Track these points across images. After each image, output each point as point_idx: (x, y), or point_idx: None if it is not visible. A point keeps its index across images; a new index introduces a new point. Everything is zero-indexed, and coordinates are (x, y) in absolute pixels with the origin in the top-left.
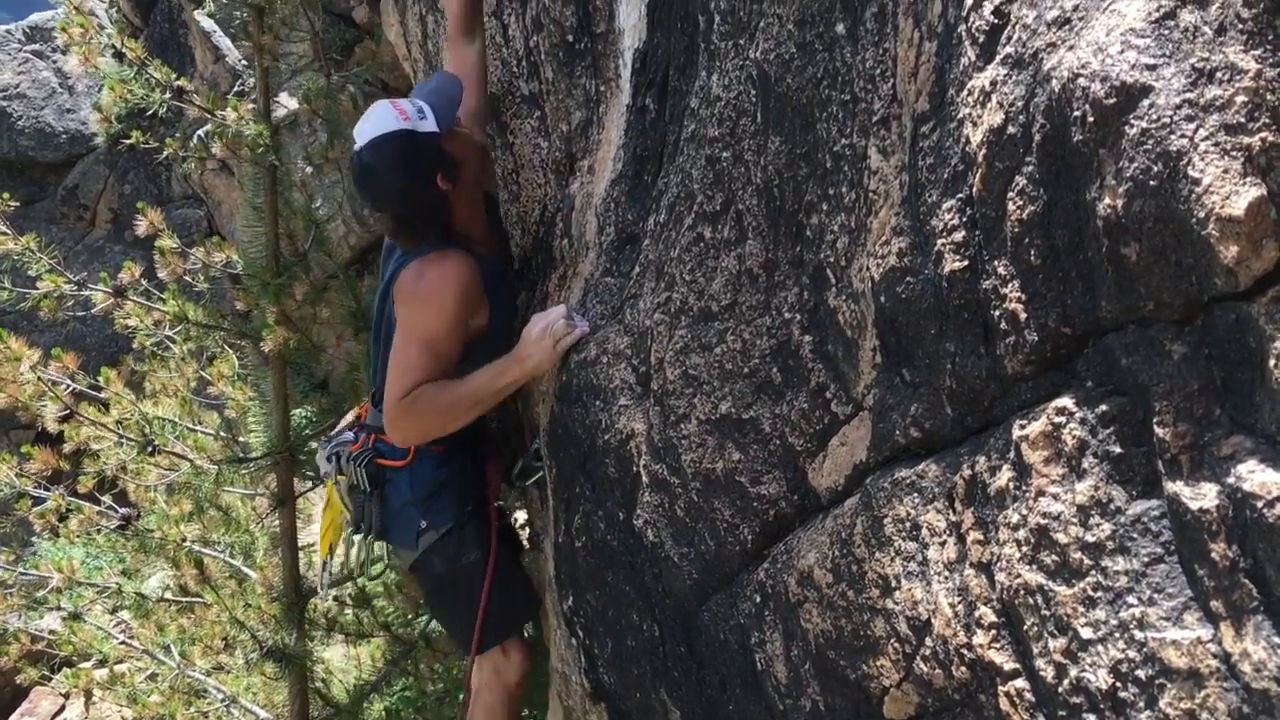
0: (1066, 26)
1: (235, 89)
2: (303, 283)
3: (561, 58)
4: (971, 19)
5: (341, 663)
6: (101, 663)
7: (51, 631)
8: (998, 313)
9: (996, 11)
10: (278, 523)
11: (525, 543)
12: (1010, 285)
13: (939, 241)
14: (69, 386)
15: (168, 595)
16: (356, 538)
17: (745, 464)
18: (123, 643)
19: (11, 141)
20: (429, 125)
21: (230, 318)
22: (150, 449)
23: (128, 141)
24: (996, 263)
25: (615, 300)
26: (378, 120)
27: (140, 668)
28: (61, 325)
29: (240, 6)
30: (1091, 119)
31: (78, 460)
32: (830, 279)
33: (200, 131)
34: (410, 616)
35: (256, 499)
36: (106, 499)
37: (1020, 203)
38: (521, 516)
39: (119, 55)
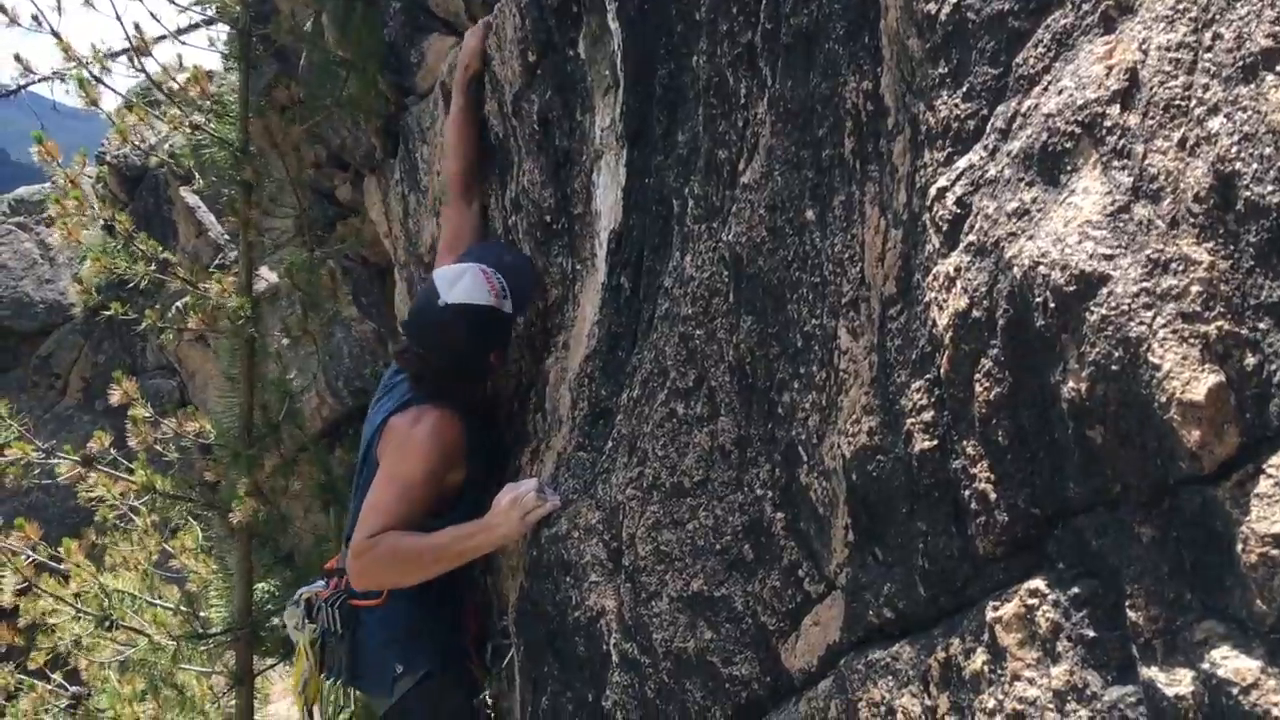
0: (1025, 217)
1: (216, 262)
2: (274, 454)
3: (539, 237)
4: (935, 208)
5: None
6: None
7: None
8: (968, 493)
9: (959, 202)
10: (234, 703)
11: None
12: (979, 465)
13: (908, 421)
14: (29, 558)
15: None
16: (328, 684)
17: (717, 643)
18: None
19: None
20: (508, 308)
21: (198, 489)
22: (108, 624)
23: (107, 313)
24: (965, 443)
25: (588, 475)
26: (470, 287)
27: None
28: (24, 494)
29: (229, 183)
30: (1053, 305)
31: (32, 635)
32: (802, 456)
33: (179, 303)
34: None
35: (213, 678)
36: (57, 677)
37: (987, 384)
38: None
39: (109, 228)
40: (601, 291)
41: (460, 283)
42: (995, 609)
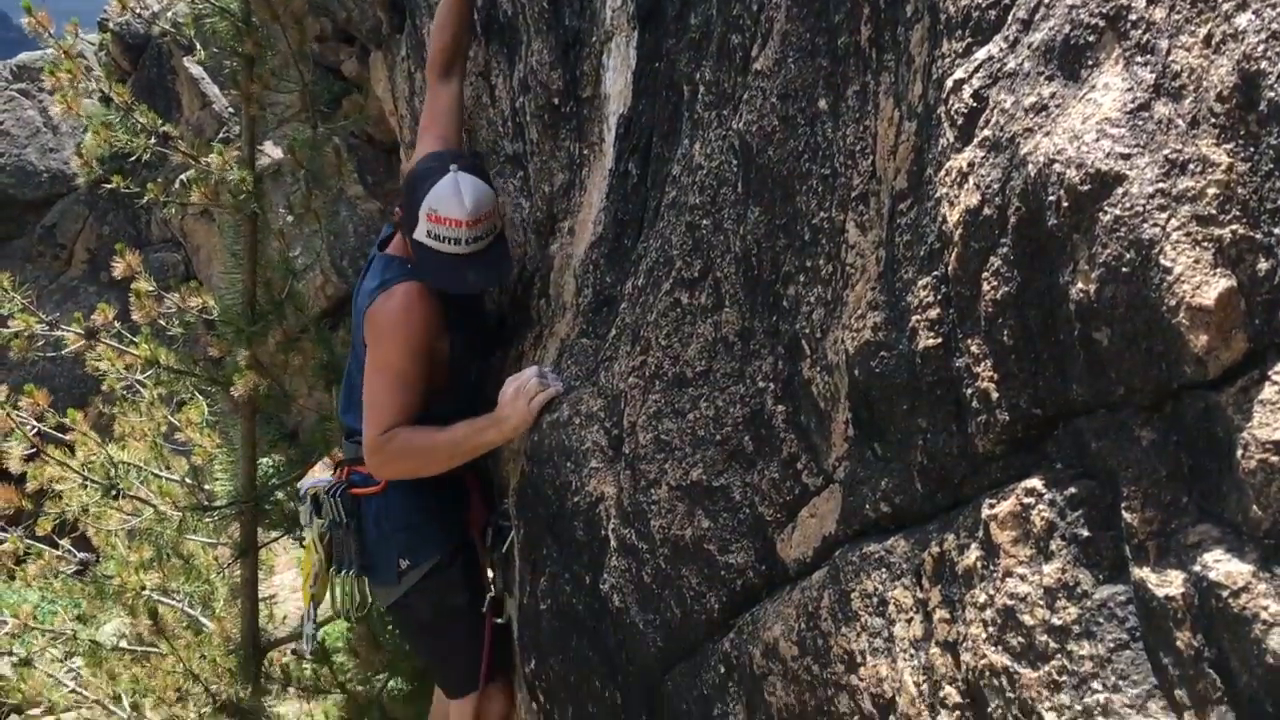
0: (1043, 113)
1: (220, 135)
2: (277, 331)
3: (547, 120)
4: (951, 101)
5: (299, 709)
6: (50, 711)
7: (1, 677)
8: (970, 391)
9: (976, 95)
10: (239, 573)
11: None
12: (983, 364)
13: (914, 318)
14: (34, 428)
15: (123, 644)
16: (339, 577)
17: (714, 532)
18: (73, 691)
19: None
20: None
21: (202, 364)
22: (114, 493)
23: (109, 185)
24: (970, 341)
25: (590, 362)
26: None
27: (90, 718)
28: (30, 366)
29: (231, 56)
30: (1066, 204)
31: (39, 501)
32: (805, 350)
33: (182, 176)
34: (369, 674)
35: (218, 548)
36: (65, 543)
37: (995, 283)
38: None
39: (106, 100)
40: (609, 178)
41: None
42: (991, 507)
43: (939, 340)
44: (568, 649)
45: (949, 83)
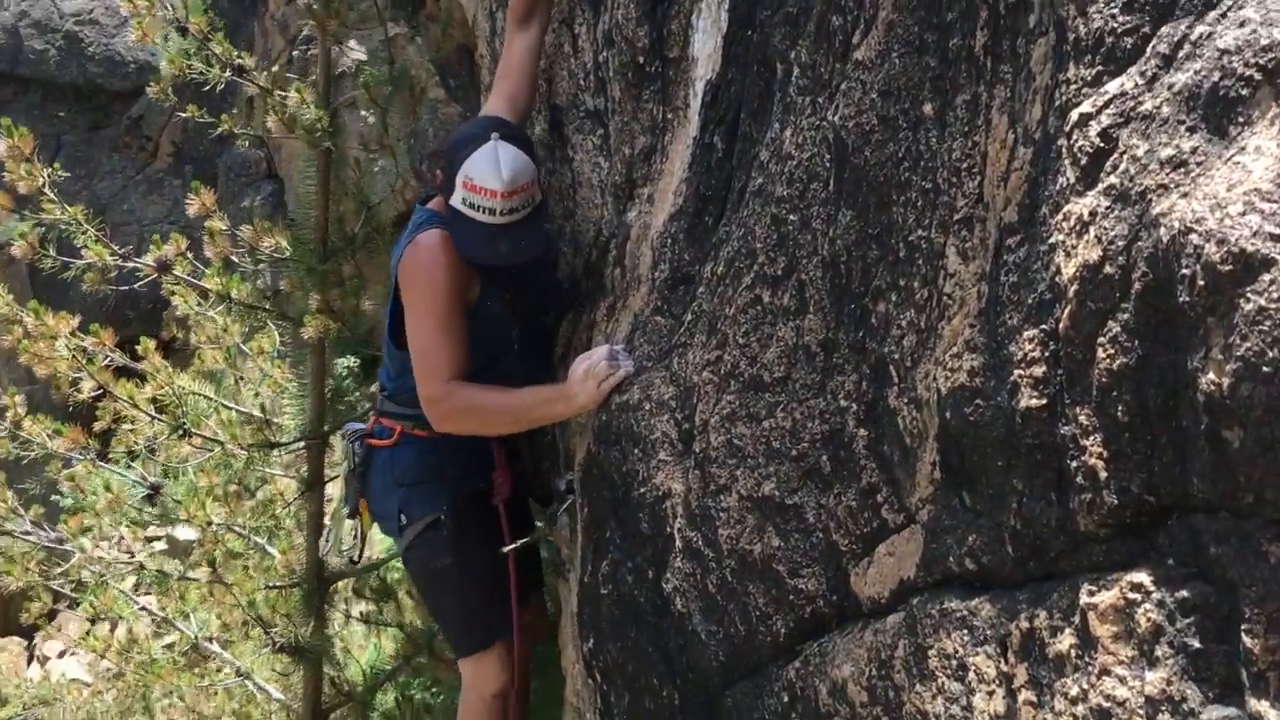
0: (1182, 169)
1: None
2: (349, 264)
3: (630, 78)
4: (1075, 136)
5: (361, 641)
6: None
7: (78, 585)
8: (1075, 464)
9: (1104, 134)
10: (305, 508)
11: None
12: (1092, 438)
13: (1016, 372)
14: (107, 359)
15: (190, 574)
16: (341, 512)
17: (784, 552)
18: (142, 608)
19: (81, 67)
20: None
21: (274, 298)
22: (182, 432)
23: (183, 115)
24: (1079, 410)
25: (664, 343)
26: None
27: (157, 633)
28: (104, 299)
29: None
30: (1202, 283)
31: (107, 440)
32: (893, 376)
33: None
34: (425, 615)
35: (286, 481)
36: (137, 466)
37: (1111, 351)
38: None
39: (182, 30)
40: (692, 147)
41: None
42: (1091, 594)
43: (1043, 402)
44: (626, 638)
45: (1074, 114)
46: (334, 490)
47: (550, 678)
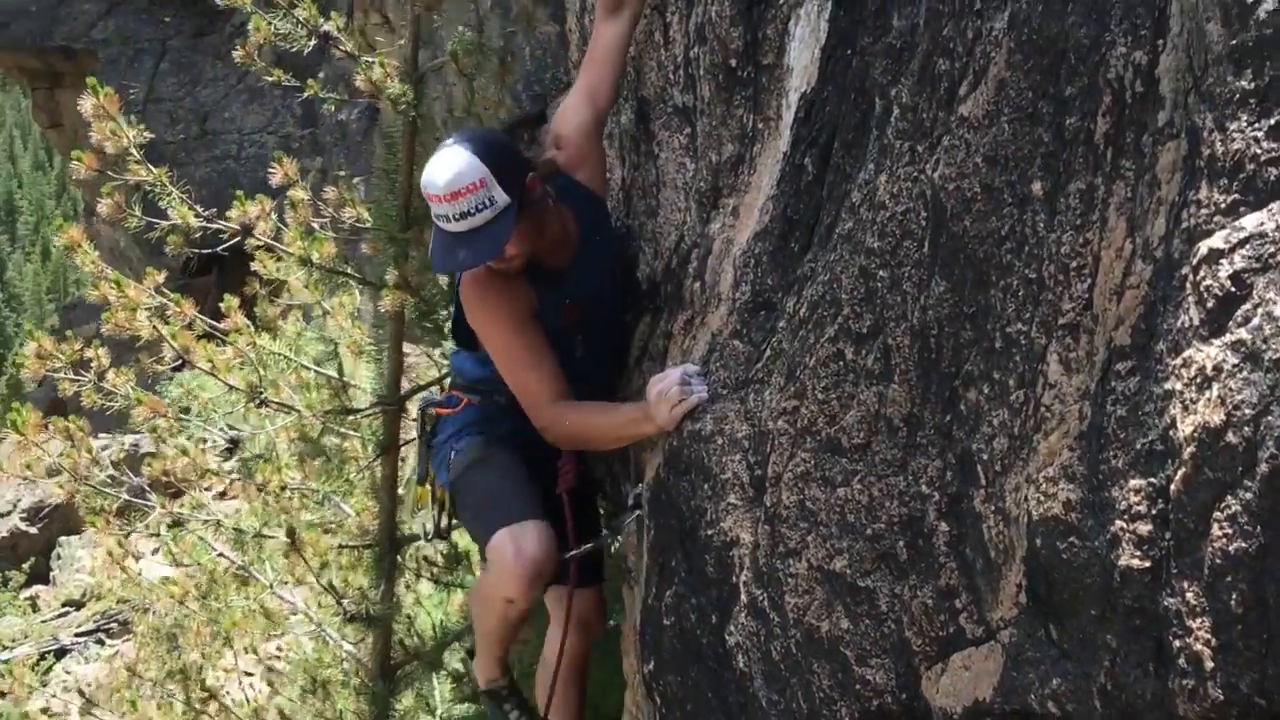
0: None
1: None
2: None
3: (721, 80)
4: (1202, 272)
5: (431, 596)
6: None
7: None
8: (1178, 644)
9: (1236, 279)
10: (380, 472)
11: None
12: (1199, 621)
13: (1118, 523)
14: (186, 319)
15: (264, 531)
16: (416, 487)
17: (853, 637)
18: (219, 554)
19: None
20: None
21: (354, 263)
22: (259, 401)
23: (269, 79)
24: (1187, 585)
25: (741, 372)
26: (433, 172)
27: (236, 575)
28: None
29: None
30: None
31: (186, 410)
32: (980, 477)
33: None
34: None
35: (362, 445)
36: (218, 420)
37: (1229, 530)
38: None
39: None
40: (782, 163)
41: (436, 168)
42: None
43: (1147, 565)
44: (687, 675)
45: (1203, 246)
46: (410, 454)
47: (607, 667)
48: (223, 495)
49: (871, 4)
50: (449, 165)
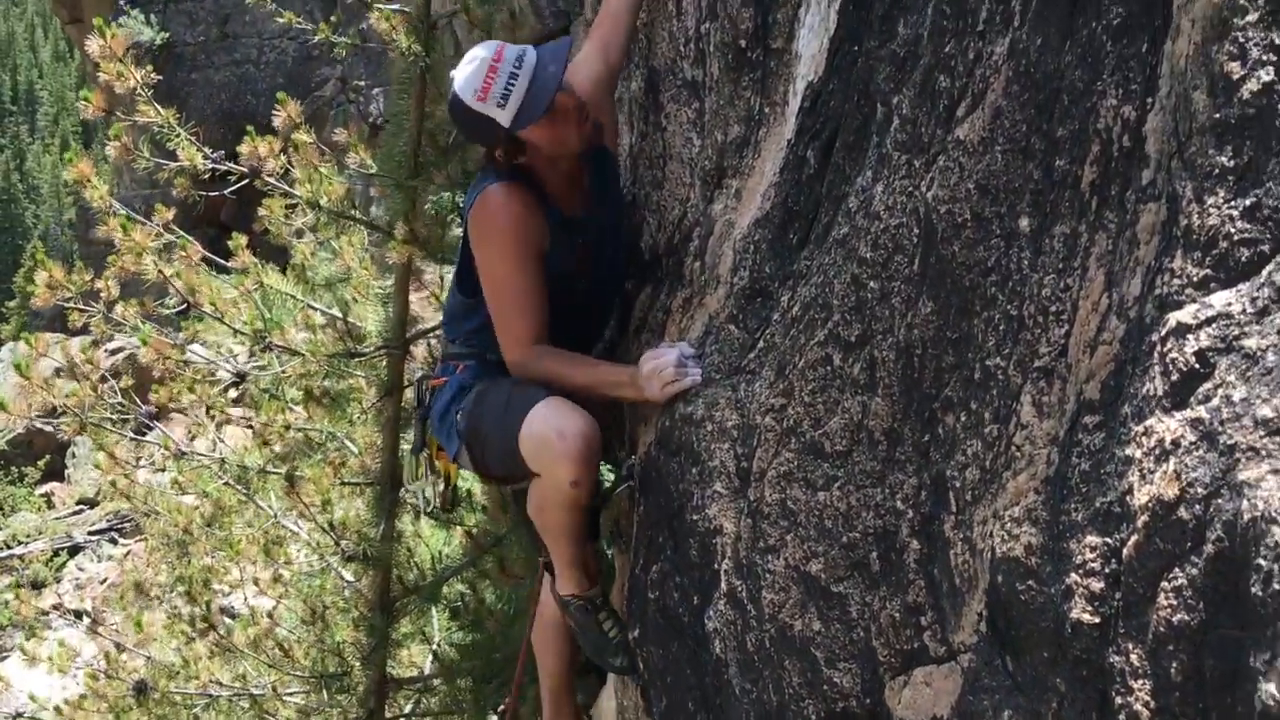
0: (1277, 438)
1: None
2: (439, 174)
3: (730, 60)
4: (1169, 344)
5: (430, 532)
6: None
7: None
8: (1120, 700)
9: (1200, 356)
10: (385, 414)
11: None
12: (1141, 683)
13: (1073, 575)
14: (185, 248)
15: (268, 469)
16: (410, 459)
17: (824, 639)
18: (225, 483)
19: None
20: (502, 117)
21: (361, 208)
22: (264, 345)
23: (281, 19)
24: (1132, 647)
25: (735, 358)
26: (465, 79)
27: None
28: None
29: None
30: (1278, 587)
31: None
32: (951, 503)
33: None
34: (493, 527)
35: (364, 387)
36: (223, 363)
37: (1174, 602)
38: None
39: None
40: (785, 151)
41: (467, 67)
42: None
43: (1096, 620)
44: (668, 649)
45: (1172, 318)
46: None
47: None
48: (227, 422)
49: (879, 6)
50: (468, 65)
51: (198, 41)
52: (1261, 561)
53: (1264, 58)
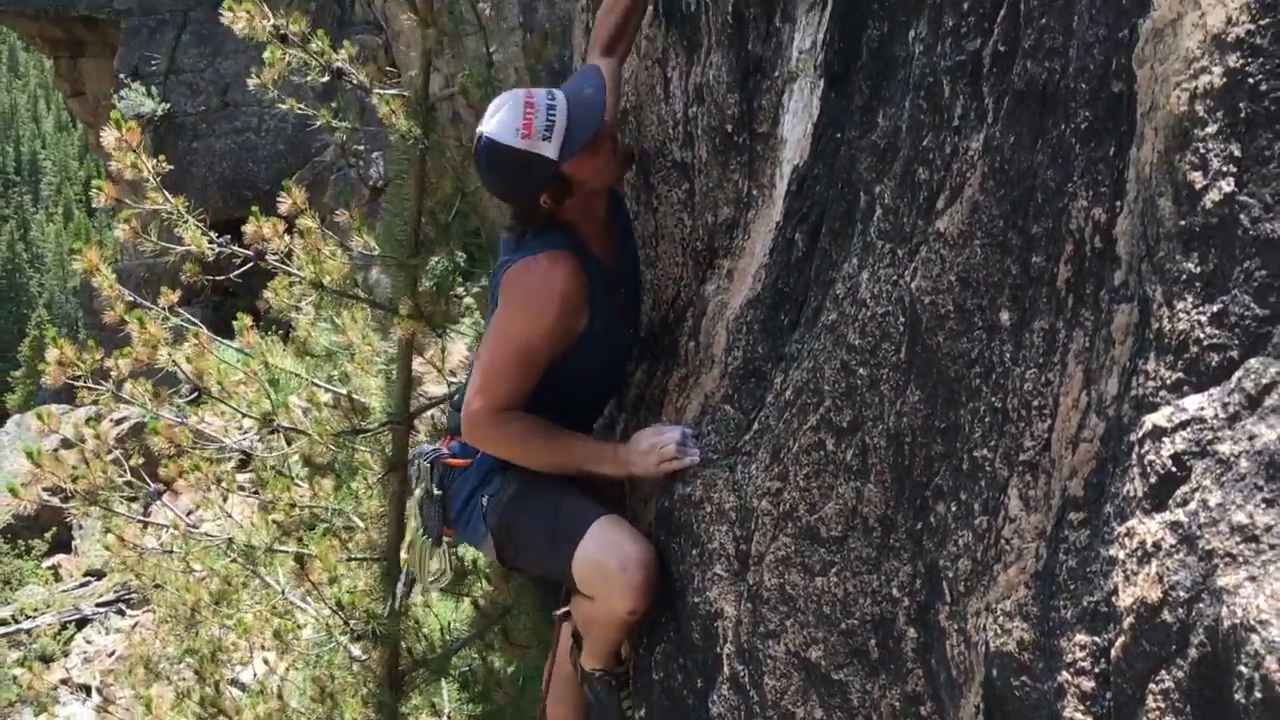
0: (1253, 545)
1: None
2: (442, 251)
3: (718, 144)
4: (1146, 447)
5: (439, 601)
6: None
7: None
8: None
9: (1177, 460)
10: (388, 485)
11: None
12: None
13: (1065, 674)
14: (200, 328)
15: (275, 547)
16: (427, 546)
17: None
18: (234, 560)
19: None
20: (549, 150)
21: (364, 286)
22: (271, 427)
23: (283, 106)
24: None
25: (731, 440)
26: (501, 122)
27: (245, 583)
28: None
29: None
30: (1259, 695)
31: (199, 435)
32: (945, 593)
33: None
34: (497, 599)
35: (370, 461)
36: (228, 440)
37: (1162, 704)
38: None
39: (282, 37)
40: (774, 232)
41: (497, 114)
42: None
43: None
44: None
45: (1148, 421)
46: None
47: None
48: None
49: (859, 98)
50: (498, 112)
51: (199, 111)
52: (1243, 669)
53: (1224, 169)
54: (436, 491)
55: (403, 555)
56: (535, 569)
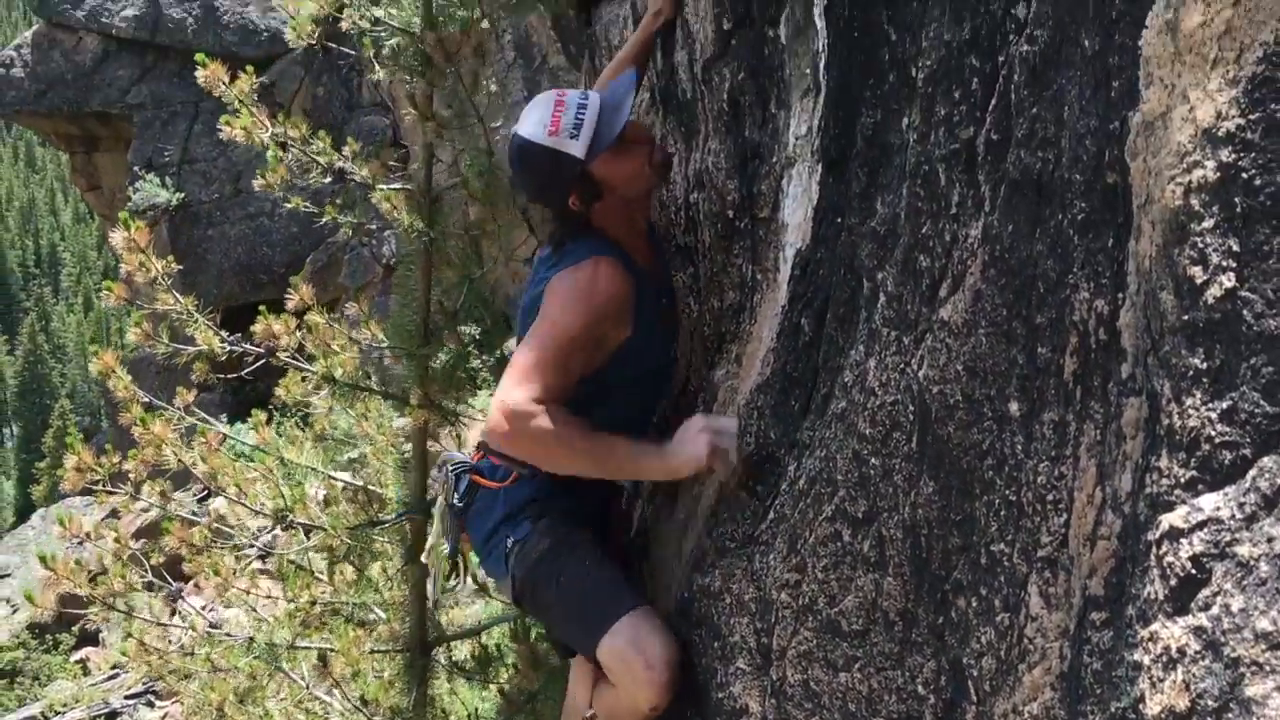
0: (1279, 653)
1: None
2: (451, 337)
3: (720, 230)
4: (1164, 548)
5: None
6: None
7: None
8: None
9: (1196, 562)
10: (408, 577)
11: None
12: None
13: None
14: (215, 427)
15: (297, 643)
16: (440, 549)
17: None
18: (257, 657)
19: (217, 36)
20: (575, 149)
21: (376, 378)
22: (286, 524)
23: (289, 204)
24: None
25: (748, 527)
26: (531, 121)
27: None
28: (210, 389)
29: (411, 75)
30: None
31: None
32: (971, 692)
33: (390, 44)
34: (523, 687)
35: (390, 552)
36: (246, 538)
37: None
38: None
39: (283, 145)
40: (780, 316)
41: (530, 114)
42: None
43: None
44: None
45: (1164, 521)
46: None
47: None
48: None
49: (856, 184)
50: (532, 111)
51: (212, 199)
52: None
53: (1224, 264)
54: (459, 504)
55: (423, 558)
56: (553, 634)
